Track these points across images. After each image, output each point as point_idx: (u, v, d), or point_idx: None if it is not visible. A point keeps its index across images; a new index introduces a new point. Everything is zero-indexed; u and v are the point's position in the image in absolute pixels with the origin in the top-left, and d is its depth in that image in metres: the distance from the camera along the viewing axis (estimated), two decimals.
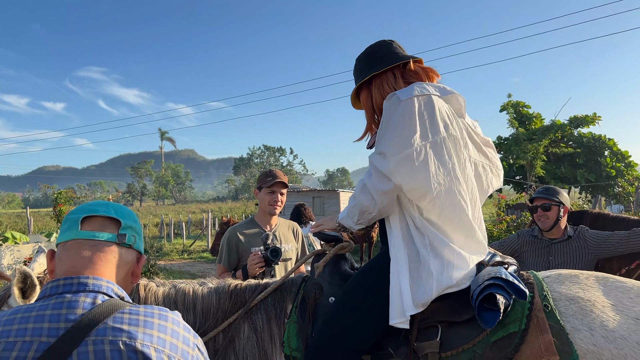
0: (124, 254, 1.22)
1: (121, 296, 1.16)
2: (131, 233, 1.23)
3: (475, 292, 1.69)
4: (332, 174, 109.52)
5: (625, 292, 1.74)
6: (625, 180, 19.60)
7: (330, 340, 1.84)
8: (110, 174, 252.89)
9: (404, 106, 1.80)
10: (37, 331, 1.01)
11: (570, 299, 1.72)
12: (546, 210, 3.41)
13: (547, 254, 3.43)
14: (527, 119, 21.95)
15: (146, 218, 37.80)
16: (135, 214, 1.31)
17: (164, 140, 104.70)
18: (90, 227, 1.20)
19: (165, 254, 19.61)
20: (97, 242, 1.18)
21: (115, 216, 1.22)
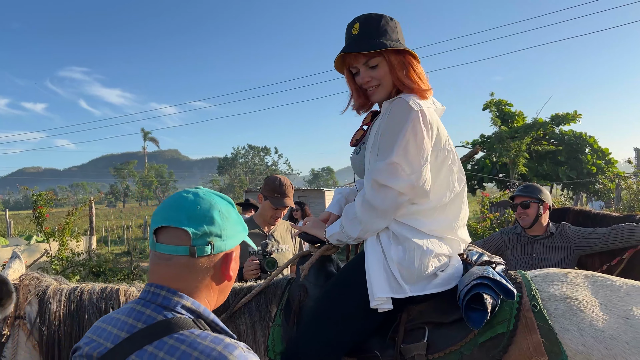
0: (202, 265, 1.14)
1: (195, 311, 1.12)
2: (206, 240, 1.13)
3: (462, 292, 1.67)
4: (318, 173, 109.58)
5: (615, 290, 1.72)
6: (606, 177, 19.90)
7: (310, 337, 1.81)
8: (92, 175, 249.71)
9: (416, 116, 1.75)
10: (109, 335, 1.09)
11: (559, 298, 1.70)
12: (525, 208, 3.43)
13: (530, 251, 3.45)
14: (509, 117, 22.18)
15: (129, 219, 37.39)
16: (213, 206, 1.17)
17: (147, 141, 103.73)
18: (163, 239, 1.14)
19: (148, 255, 19.39)
20: (170, 256, 1.13)
21: (185, 227, 1.12)
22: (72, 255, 10.28)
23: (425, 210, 1.82)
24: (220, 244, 1.16)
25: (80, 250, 11.26)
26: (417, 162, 1.74)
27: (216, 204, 1.18)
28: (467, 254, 1.95)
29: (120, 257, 16.42)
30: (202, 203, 1.16)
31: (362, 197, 1.81)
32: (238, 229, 1.23)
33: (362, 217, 1.79)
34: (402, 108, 1.76)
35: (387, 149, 1.76)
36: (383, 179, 1.73)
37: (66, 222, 10.05)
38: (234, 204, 1.26)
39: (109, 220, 34.19)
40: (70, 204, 33.24)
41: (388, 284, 1.73)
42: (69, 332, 1.79)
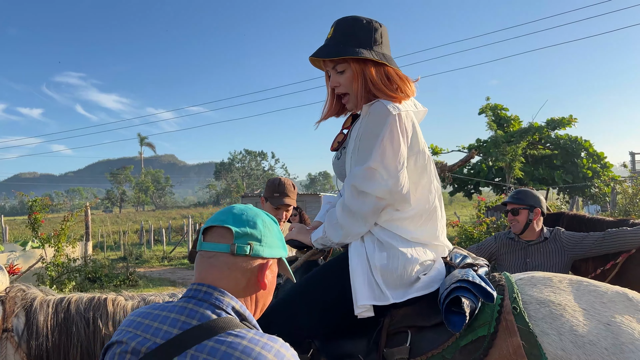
0: (240, 264, 1.21)
1: (242, 314, 1.17)
2: (246, 241, 1.21)
3: (442, 296, 1.68)
4: (314, 177, 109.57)
5: (599, 296, 1.72)
6: (601, 180, 19.95)
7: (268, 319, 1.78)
8: (88, 181, 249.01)
9: (393, 120, 1.76)
10: (157, 332, 1.12)
11: (541, 302, 1.71)
12: (515, 215, 3.44)
13: (524, 256, 3.46)
14: (505, 121, 22.24)
15: (125, 224, 37.28)
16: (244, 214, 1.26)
17: (144, 146, 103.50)
18: (210, 238, 1.23)
19: (145, 261, 19.35)
20: (214, 253, 1.21)
21: (229, 225, 1.21)
22: (68, 261, 10.23)
23: (409, 217, 1.84)
24: (259, 249, 1.23)
25: (76, 256, 11.20)
26: (393, 166, 1.75)
27: (261, 215, 1.29)
28: (451, 256, 1.95)
29: (116, 263, 16.37)
30: (249, 212, 1.27)
31: (342, 202, 1.83)
32: (278, 243, 1.30)
33: (343, 222, 1.81)
34: (380, 112, 1.77)
35: (365, 154, 1.77)
36: (361, 184, 1.75)
37: (62, 228, 10.00)
38: (278, 223, 1.35)
39: (105, 226, 34.06)
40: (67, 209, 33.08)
41: (371, 291, 1.74)
42: (57, 344, 1.78)
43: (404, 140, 1.78)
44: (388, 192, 1.75)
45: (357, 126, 1.90)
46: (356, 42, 1.85)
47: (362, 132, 1.82)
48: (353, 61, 1.85)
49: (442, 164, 10.42)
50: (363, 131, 1.81)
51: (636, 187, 10.50)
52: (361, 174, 1.76)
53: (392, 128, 1.75)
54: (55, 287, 9.66)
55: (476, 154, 16.88)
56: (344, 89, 1.91)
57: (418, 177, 1.86)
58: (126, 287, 12.25)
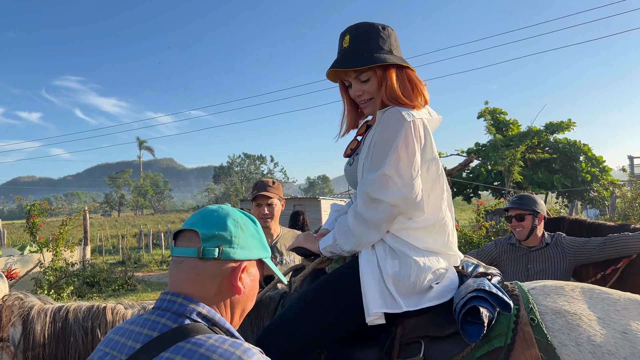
0: (209, 268, 1.15)
1: (210, 318, 1.13)
2: (215, 244, 1.15)
3: (458, 305, 1.65)
4: (313, 181, 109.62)
5: (612, 304, 1.70)
6: (600, 184, 19.96)
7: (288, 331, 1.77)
8: (87, 185, 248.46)
9: (408, 127, 1.74)
10: (123, 348, 1.09)
11: (557, 312, 1.68)
12: (520, 221, 3.39)
13: (525, 261, 3.42)
14: (504, 125, 22.24)
15: (124, 228, 37.20)
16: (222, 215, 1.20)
17: (143, 150, 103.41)
18: (179, 243, 1.19)
19: (143, 265, 19.31)
20: (183, 259, 1.17)
21: (197, 228, 1.16)
22: (66, 265, 10.19)
23: (423, 227, 1.81)
24: (229, 251, 1.17)
25: (74, 261, 11.18)
26: (408, 174, 1.72)
27: (234, 214, 1.22)
28: (463, 265, 1.92)
29: (114, 267, 16.34)
30: (220, 212, 1.21)
31: (354, 209, 1.79)
32: (254, 244, 1.23)
33: (355, 230, 1.77)
34: (395, 119, 1.74)
35: (379, 161, 1.75)
36: (374, 191, 1.72)
37: (60, 232, 9.97)
38: (257, 223, 1.28)
39: (104, 230, 34.02)
40: (65, 213, 32.97)
41: (383, 299, 1.71)
42: (54, 354, 1.75)
43: (418, 148, 1.75)
44: (402, 200, 1.72)
45: (371, 133, 1.88)
46: (377, 48, 1.83)
47: (375, 138, 1.79)
48: (378, 68, 1.83)
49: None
50: (377, 138, 1.78)
51: (635, 191, 10.51)
52: (375, 181, 1.73)
53: (407, 135, 1.73)
54: (54, 291, 9.62)
55: (475, 158, 16.87)
56: (368, 95, 1.88)
57: (431, 186, 1.83)
58: (124, 292, 12.21)
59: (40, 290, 9.50)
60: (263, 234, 1.30)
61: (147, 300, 10.02)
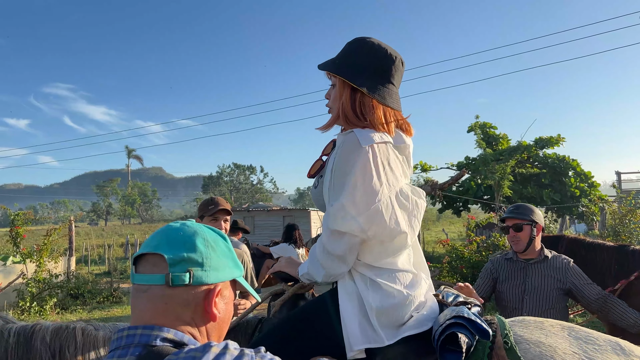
0: (180, 296, 1.04)
1: (179, 341, 1.01)
2: (185, 268, 1.04)
3: (437, 332, 1.63)
4: (303, 192, 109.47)
5: (591, 342, 1.70)
6: (589, 200, 20.11)
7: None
8: (74, 193, 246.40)
9: (365, 153, 1.68)
10: None
11: (532, 342, 1.69)
12: (518, 231, 3.26)
13: (523, 275, 3.29)
14: (494, 139, 22.39)
15: (111, 238, 36.79)
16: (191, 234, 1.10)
17: (131, 158, 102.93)
18: (142, 269, 1.07)
19: (130, 276, 19.04)
20: (147, 286, 1.05)
21: (162, 252, 1.04)
22: (50, 277, 10.01)
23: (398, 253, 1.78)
24: (201, 274, 1.05)
25: (59, 272, 10.97)
26: (363, 203, 1.67)
27: (202, 232, 1.11)
28: (443, 294, 1.92)
29: (100, 278, 16.07)
30: (186, 230, 1.10)
31: (320, 241, 1.77)
32: (227, 263, 1.12)
33: (323, 262, 1.75)
34: (352, 144, 1.70)
35: (337, 191, 1.72)
36: (333, 223, 1.69)
37: (44, 243, 9.79)
38: (227, 238, 1.16)
39: (90, 239, 33.61)
40: (51, 222, 32.44)
41: (364, 334, 1.67)
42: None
43: (378, 175, 1.70)
44: (360, 230, 1.68)
45: (332, 155, 1.82)
46: (353, 62, 1.82)
47: (334, 165, 1.75)
48: (341, 80, 1.83)
49: (432, 182, 10.38)
50: (335, 164, 1.74)
51: (626, 208, 10.56)
52: (332, 212, 1.70)
53: (364, 162, 1.68)
54: (36, 303, 9.41)
55: (466, 172, 16.92)
56: (330, 103, 1.91)
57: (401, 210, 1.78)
58: (110, 304, 11.97)
59: (23, 302, 9.30)
60: (233, 250, 1.19)
61: None
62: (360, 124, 1.78)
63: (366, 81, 1.80)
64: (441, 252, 19.72)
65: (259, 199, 75.66)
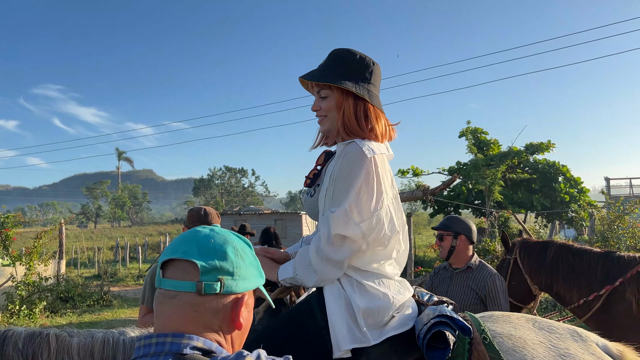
0: (210, 304, 1.04)
1: (208, 349, 1.02)
2: (216, 277, 1.04)
3: (422, 332, 1.71)
4: (295, 195, 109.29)
5: (553, 331, 1.86)
6: (578, 205, 20.29)
7: None
8: (63, 195, 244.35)
9: (369, 163, 1.75)
10: None
11: (504, 335, 1.82)
12: (441, 240, 3.45)
13: (447, 284, 3.44)
14: (485, 145, 22.53)
15: (100, 241, 36.55)
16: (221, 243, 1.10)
17: (122, 160, 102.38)
18: (171, 274, 1.06)
19: (120, 279, 18.92)
20: (176, 293, 1.04)
21: (194, 259, 1.04)
22: (40, 280, 9.93)
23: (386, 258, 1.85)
24: (231, 284, 1.06)
25: (48, 275, 10.88)
26: (367, 210, 1.74)
27: (232, 240, 1.12)
28: (418, 294, 2.00)
29: (90, 281, 15.96)
30: (217, 237, 1.10)
31: (316, 245, 1.79)
32: (253, 272, 1.14)
33: (317, 267, 1.77)
34: (356, 154, 1.76)
35: (340, 197, 1.76)
36: (335, 227, 1.72)
37: (34, 246, 9.72)
38: (251, 246, 1.19)
39: (80, 242, 33.35)
40: (40, 224, 32.14)
41: (351, 334, 1.73)
42: None
43: (380, 183, 1.77)
44: (362, 236, 1.73)
45: (332, 164, 1.88)
46: (344, 72, 1.86)
47: (337, 173, 1.80)
48: (337, 90, 1.87)
49: (424, 187, 10.42)
50: (338, 173, 1.79)
51: (614, 214, 10.67)
52: (337, 217, 1.73)
53: (368, 170, 1.75)
54: (25, 307, 9.33)
55: (458, 177, 17.03)
56: (323, 112, 1.91)
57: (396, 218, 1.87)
58: (100, 308, 11.90)
59: (12, 305, 9.21)
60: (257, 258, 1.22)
61: (122, 317, 9.71)
62: (361, 135, 1.83)
63: (362, 90, 1.86)
64: (432, 256, 19.77)
65: (250, 202, 75.52)
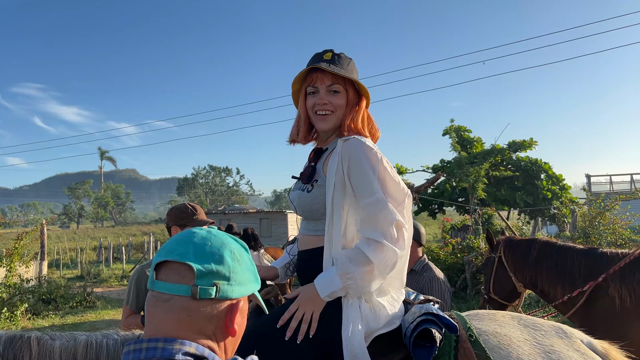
0: (204, 309, 1.01)
1: (199, 355, 0.99)
2: (212, 281, 1.01)
3: (408, 330, 1.71)
4: (280, 194, 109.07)
5: (538, 329, 1.87)
6: (560, 202, 20.55)
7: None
8: (45, 195, 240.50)
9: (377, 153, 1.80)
10: None
11: (490, 333, 1.82)
12: None
13: None
14: (468, 143, 22.71)
15: (83, 241, 36.07)
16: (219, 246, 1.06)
17: (104, 160, 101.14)
18: (164, 277, 1.03)
19: (103, 280, 18.68)
20: (170, 296, 1.01)
21: (190, 261, 1.01)
22: (21, 281, 9.76)
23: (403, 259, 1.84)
24: (227, 289, 1.03)
25: (30, 276, 10.70)
26: (399, 195, 1.77)
27: (229, 243, 1.09)
28: (404, 293, 1.99)
29: (72, 282, 15.74)
30: (214, 240, 1.07)
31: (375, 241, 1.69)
32: (250, 277, 1.11)
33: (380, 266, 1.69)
34: (362, 147, 1.79)
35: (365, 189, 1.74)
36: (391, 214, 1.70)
37: (15, 247, 9.55)
38: (248, 249, 1.16)
39: (62, 243, 32.89)
40: (21, 225, 31.59)
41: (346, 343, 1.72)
42: None
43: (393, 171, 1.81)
44: (399, 225, 1.72)
45: (333, 161, 1.84)
46: (352, 73, 1.92)
47: (351, 167, 1.79)
48: (351, 88, 1.92)
49: (409, 185, 10.48)
50: (352, 168, 1.78)
51: (595, 210, 10.83)
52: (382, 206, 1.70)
53: (380, 159, 1.78)
54: (6, 309, 9.17)
55: (442, 175, 17.13)
56: (332, 108, 1.89)
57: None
58: (83, 309, 11.73)
59: None
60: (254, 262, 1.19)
61: (106, 318, 9.55)
62: (362, 133, 1.89)
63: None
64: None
65: (235, 201, 75.17)
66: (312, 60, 1.93)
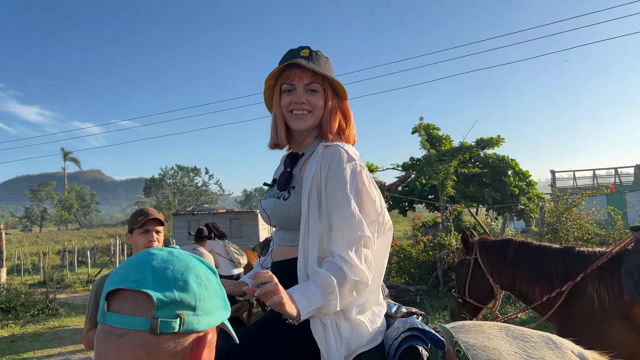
0: (165, 345, 0.86)
1: None
2: (174, 312, 0.86)
3: (392, 347, 1.60)
4: (250, 194, 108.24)
5: (527, 340, 1.81)
6: (527, 198, 20.97)
7: None
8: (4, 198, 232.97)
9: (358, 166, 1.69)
10: None
11: (478, 347, 1.74)
12: None
13: None
14: (437, 140, 22.96)
15: (46, 245, 34.98)
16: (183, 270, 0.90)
17: (68, 161, 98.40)
18: (118, 308, 0.87)
19: (67, 285, 18.07)
20: (125, 331, 0.85)
21: (148, 290, 0.85)
22: None
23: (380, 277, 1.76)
24: (193, 320, 0.88)
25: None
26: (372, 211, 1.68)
27: (194, 266, 0.93)
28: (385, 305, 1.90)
29: (34, 289, 15.16)
30: (176, 263, 0.91)
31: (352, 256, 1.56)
32: (218, 304, 0.94)
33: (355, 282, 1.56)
34: (343, 157, 1.68)
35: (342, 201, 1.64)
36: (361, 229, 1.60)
37: None
38: (216, 272, 0.99)
39: (23, 247, 31.84)
40: None
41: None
42: None
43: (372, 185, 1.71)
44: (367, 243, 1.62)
45: (311, 167, 1.72)
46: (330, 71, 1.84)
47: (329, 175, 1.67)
48: (329, 88, 1.81)
49: (380, 183, 10.45)
50: (331, 174, 1.67)
51: (562, 206, 11.01)
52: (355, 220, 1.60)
53: (360, 172, 1.69)
54: None
55: (413, 173, 17.23)
56: (309, 107, 1.77)
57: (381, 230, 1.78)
58: (45, 317, 11.27)
59: None
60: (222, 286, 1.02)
61: (70, 325, 9.21)
62: (337, 138, 1.79)
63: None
64: (390, 253, 19.97)
65: (204, 202, 74.34)
66: (287, 56, 1.80)
